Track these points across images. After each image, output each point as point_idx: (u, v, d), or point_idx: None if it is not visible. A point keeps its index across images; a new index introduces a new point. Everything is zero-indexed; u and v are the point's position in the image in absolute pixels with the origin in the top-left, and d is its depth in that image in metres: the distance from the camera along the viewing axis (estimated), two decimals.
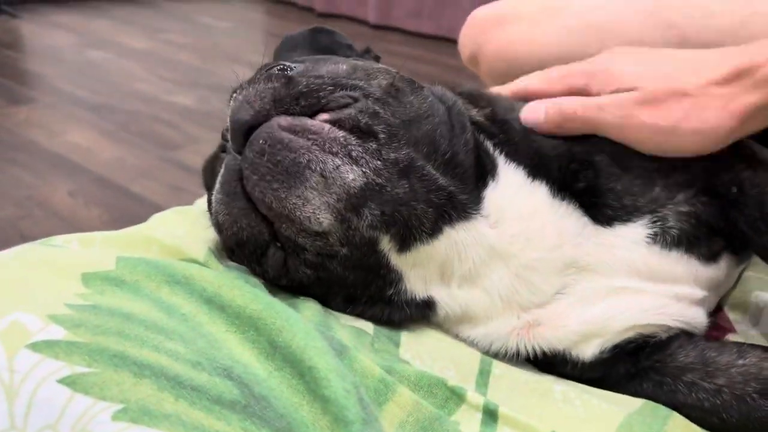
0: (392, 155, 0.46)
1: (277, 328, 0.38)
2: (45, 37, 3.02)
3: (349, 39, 0.70)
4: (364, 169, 0.45)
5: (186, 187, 1.70)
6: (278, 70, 0.52)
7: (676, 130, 0.49)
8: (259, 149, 0.44)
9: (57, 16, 3.37)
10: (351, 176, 0.44)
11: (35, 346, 0.33)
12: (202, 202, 0.69)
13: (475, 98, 0.60)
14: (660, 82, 0.50)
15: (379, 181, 0.45)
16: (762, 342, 0.59)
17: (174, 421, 0.31)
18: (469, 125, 0.54)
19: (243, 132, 0.46)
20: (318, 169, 0.44)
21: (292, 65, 0.53)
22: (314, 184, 0.44)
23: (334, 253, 0.48)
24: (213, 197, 0.50)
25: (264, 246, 0.48)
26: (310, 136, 0.44)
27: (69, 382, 0.32)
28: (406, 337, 0.52)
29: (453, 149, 0.50)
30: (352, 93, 0.47)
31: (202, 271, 0.44)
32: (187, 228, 0.58)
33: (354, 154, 0.45)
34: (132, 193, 1.68)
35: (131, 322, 0.37)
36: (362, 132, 0.46)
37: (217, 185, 0.49)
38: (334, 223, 0.45)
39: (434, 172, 0.48)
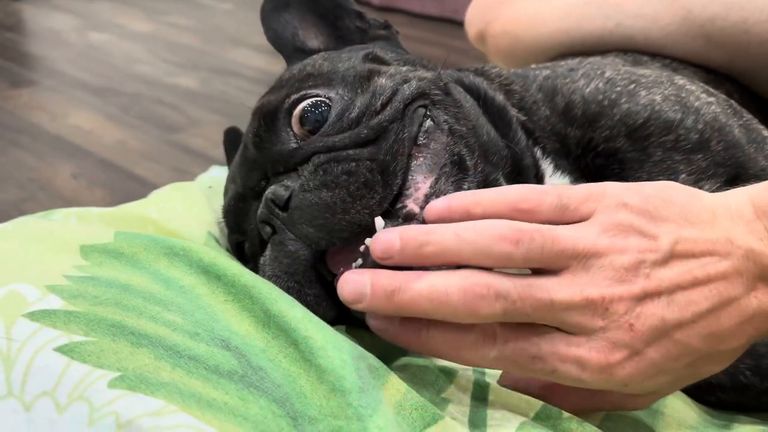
0: None
1: (272, 297, 0.38)
2: (46, 19, 3.00)
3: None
4: None
5: (188, 169, 1.69)
6: (310, 106, 0.48)
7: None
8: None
9: None
10: None
11: (33, 315, 0.34)
12: (201, 180, 0.69)
13: (505, 86, 0.58)
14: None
15: None
16: None
17: (171, 389, 0.31)
18: (516, 127, 0.53)
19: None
20: None
21: (326, 98, 0.48)
22: None
23: None
24: (275, 279, 0.45)
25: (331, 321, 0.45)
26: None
27: (66, 350, 0.32)
28: None
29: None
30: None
31: (200, 245, 0.44)
32: (185, 206, 0.58)
33: None
34: (135, 176, 1.68)
35: (129, 294, 0.37)
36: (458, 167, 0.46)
37: (280, 272, 0.45)
38: None
39: None
